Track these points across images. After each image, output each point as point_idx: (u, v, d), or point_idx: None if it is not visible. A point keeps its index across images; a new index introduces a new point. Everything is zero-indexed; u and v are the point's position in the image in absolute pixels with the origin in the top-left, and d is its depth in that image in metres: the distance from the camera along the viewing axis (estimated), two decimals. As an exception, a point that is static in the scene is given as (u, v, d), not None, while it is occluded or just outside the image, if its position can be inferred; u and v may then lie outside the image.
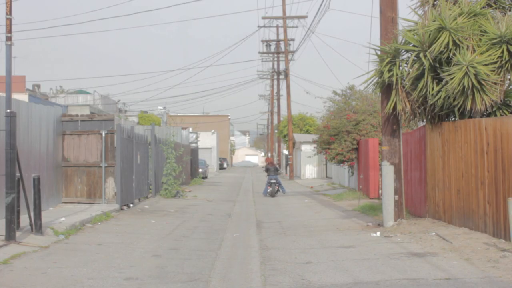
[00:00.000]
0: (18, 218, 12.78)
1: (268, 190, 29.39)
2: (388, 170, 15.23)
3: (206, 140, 76.31)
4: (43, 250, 11.89)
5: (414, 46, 14.10)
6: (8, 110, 12.51)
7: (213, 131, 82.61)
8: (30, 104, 18.57)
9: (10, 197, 12.16)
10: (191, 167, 44.45)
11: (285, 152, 63.99)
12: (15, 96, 21.20)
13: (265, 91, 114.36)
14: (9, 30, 13.40)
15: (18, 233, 12.54)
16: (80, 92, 59.69)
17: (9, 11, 13.47)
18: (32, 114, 17.96)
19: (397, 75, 14.43)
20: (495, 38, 13.04)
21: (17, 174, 12.62)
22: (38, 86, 55.88)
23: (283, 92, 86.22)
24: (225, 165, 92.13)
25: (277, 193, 29.44)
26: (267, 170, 29.83)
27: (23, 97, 35.64)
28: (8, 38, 13.30)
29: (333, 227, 15.93)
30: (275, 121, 77.97)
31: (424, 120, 15.21)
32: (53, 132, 19.50)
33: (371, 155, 24.83)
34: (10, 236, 12.05)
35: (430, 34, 13.66)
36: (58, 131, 20.10)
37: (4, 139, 12.49)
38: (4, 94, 13.80)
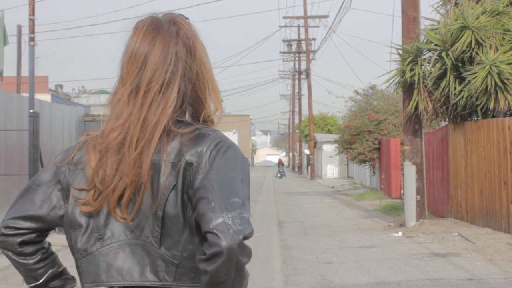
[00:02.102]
0: (41, 217, 12.88)
1: (278, 175, 54.68)
2: (410, 170, 15.15)
3: (228, 140, 76.35)
4: (66, 249, 11.94)
5: (436, 45, 14.03)
6: (32, 110, 12.62)
7: (234, 131, 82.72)
8: (53, 104, 18.72)
9: (33, 196, 12.26)
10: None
11: (306, 151, 63.86)
12: (38, 96, 21.39)
13: (286, 90, 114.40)
14: (32, 31, 13.51)
15: (41, 232, 12.64)
16: (102, 92, 60.03)
17: (32, 12, 13.58)
18: (55, 114, 18.10)
19: (419, 74, 14.35)
20: (519, 37, 12.94)
21: (40, 173, 12.73)
22: (61, 86, 56.29)
23: (304, 91, 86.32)
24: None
25: (282, 177, 53.81)
26: (278, 165, 59.51)
27: (46, 97, 35.92)
28: (31, 39, 13.41)
29: (355, 227, 15.88)
30: (296, 121, 77.95)
31: (447, 120, 15.13)
32: (75, 132, 19.64)
33: (392, 154, 24.74)
34: (33, 235, 12.16)
35: (452, 33, 13.57)
36: (80, 131, 20.23)
37: (28, 139, 12.59)
38: (27, 95, 13.91)
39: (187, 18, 2.05)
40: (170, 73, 1.92)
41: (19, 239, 2.02)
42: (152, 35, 1.96)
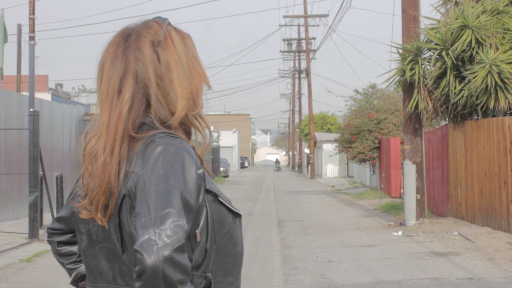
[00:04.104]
0: (41, 216, 12.89)
1: (276, 170, 76.23)
2: (410, 169, 15.15)
3: (228, 139, 76.42)
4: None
5: (436, 44, 14.03)
6: (32, 109, 12.61)
7: (234, 130, 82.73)
8: (53, 103, 18.73)
9: (33, 195, 12.26)
10: (213, 166, 44.57)
11: (306, 151, 63.87)
12: (38, 95, 21.39)
13: (286, 90, 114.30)
14: (32, 29, 13.50)
15: (41, 231, 12.64)
16: (102, 91, 59.89)
17: (32, 11, 13.57)
18: (55, 113, 18.10)
19: (419, 73, 14.35)
20: (519, 36, 12.94)
21: (40, 172, 12.73)
22: (61, 85, 56.29)
23: (304, 90, 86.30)
24: (246, 164, 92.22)
25: (278, 171, 73.57)
26: (275, 163, 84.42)
27: (46, 96, 35.93)
28: (31, 38, 13.40)
29: (355, 226, 15.89)
30: (296, 120, 77.95)
31: (447, 119, 15.13)
32: (75, 131, 19.64)
33: (392, 154, 24.74)
34: (33, 234, 12.16)
35: (452, 33, 13.57)
36: (80, 130, 20.24)
37: (28, 138, 12.59)
38: (27, 94, 13.91)
39: (165, 19, 2.02)
40: (123, 78, 1.92)
41: (57, 239, 2.19)
42: (111, 45, 1.98)
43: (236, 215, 1.99)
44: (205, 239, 1.88)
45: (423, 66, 14.50)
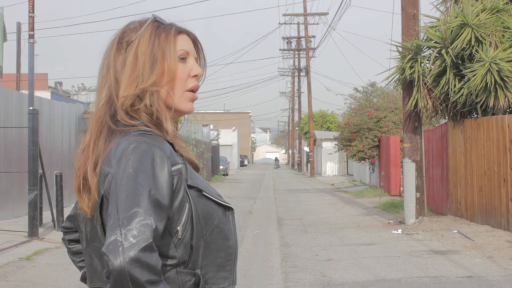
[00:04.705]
0: (41, 214, 12.89)
1: (275, 167, 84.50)
2: (409, 168, 15.15)
3: (227, 137, 76.43)
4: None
5: (436, 42, 14.03)
6: (31, 108, 12.60)
7: (234, 128, 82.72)
8: (53, 102, 18.72)
9: (33, 193, 12.26)
10: (212, 164, 44.55)
11: (306, 149, 63.90)
12: (37, 93, 21.38)
13: (286, 88, 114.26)
14: (31, 28, 13.49)
15: (40, 230, 12.65)
16: (102, 89, 59.86)
17: (31, 9, 13.56)
18: (55, 111, 18.10)
19: (418, 72, 14.35)
20: (518, 34, 12.93)
21: (40, 171, 12.73)
22: (60, 83, 56.28)
23: (304, 89, 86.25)
24: (246, 162, 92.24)
25: (277, 169, 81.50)
26: (275, 161, 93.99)
27: (46, 94, 35.93)
28: (31, 36, 13.39)
29: (354, 224, 15.89)
30: (296, 118, 77.95)
31: (446, 117, 15.13)
32: (75, 130, 19.64)
33: (392, 152, 24.74)
34: (33, 232, 12.16)
35: (452, 31, 13.57)
36: (80, 128, 20.22)
37: (27, 136, 12.58)
38: (27, 92, 13.91)
39: (152, 19, 2.01)
40: (103, 75, 1.98)
41: (68, 237, 2.24)
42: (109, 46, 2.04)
43: (227, 208, 1.97)
44: (189, 235, 1.86)
45: (422, 64, 14.50)
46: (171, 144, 1.92)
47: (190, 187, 1.88)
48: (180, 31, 2.02)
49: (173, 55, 1.97)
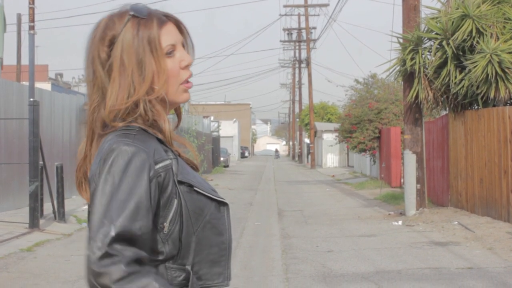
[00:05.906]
0: (42, 206, 12.90)
1: (275, 157, 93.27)
2: (410, 159, 15.15)
3: (228, 129, 76.41)
4: (66, 237, 12.00)
5: (437, 34, 14.00)
6: (32, 99, 12.60)
7: (234, 119, 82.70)
8: (53, 93, 18.71)
9: (34, 185, 12.27)
10: (213, 155, 44.56)
11: (307, 140, 63.86)
12: (38, 85, 21.37)
13: (286, 79, 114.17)
14: (32, 19, 13.48)
15: (41, 221, 12.66)
16: (102, 81, 59.77)
17: (32, 0, 13.54)
18: (55, 103, 18.09)
19: (419, 63, 14.33)
20: (519, 26, 12.91)
21: (41, 162, 12.73)
22: (61, 75, 56.20)
23: (305, 80, 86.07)
24: (246, 154, 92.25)
25: (278, 159, 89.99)
26: (275, 152, 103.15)
27: (46, 86, 35.88)
28: (31, 28, 13.37)
29: (355, 215, 15.91)
30: (297, 110, 77.85)
31: (447, 109, 15.12)
32: (75, 121, 19.64)
33: (393, 144, 24.74)
34: (33, 223, 12.17)
35: (453, 22, 13.55)
36: (80, 120, 20.14)
37: (28, 128, 12.58)
38: (27, 83, 13.90)
39: (131, 14, 1.91)
40: (90, 80, 1.98)
41: None
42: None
43: (222, 203, 1.93)
44: (178, 231, 1.84)
45: (423, 55, 14.48)
46: (160, 140, 1.88)
47: (180, 182, 1.86)
48: (162, 22, 1.92)
49: (161, 56, 1.90)
